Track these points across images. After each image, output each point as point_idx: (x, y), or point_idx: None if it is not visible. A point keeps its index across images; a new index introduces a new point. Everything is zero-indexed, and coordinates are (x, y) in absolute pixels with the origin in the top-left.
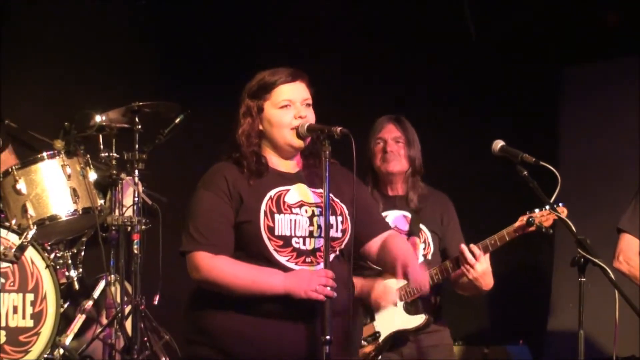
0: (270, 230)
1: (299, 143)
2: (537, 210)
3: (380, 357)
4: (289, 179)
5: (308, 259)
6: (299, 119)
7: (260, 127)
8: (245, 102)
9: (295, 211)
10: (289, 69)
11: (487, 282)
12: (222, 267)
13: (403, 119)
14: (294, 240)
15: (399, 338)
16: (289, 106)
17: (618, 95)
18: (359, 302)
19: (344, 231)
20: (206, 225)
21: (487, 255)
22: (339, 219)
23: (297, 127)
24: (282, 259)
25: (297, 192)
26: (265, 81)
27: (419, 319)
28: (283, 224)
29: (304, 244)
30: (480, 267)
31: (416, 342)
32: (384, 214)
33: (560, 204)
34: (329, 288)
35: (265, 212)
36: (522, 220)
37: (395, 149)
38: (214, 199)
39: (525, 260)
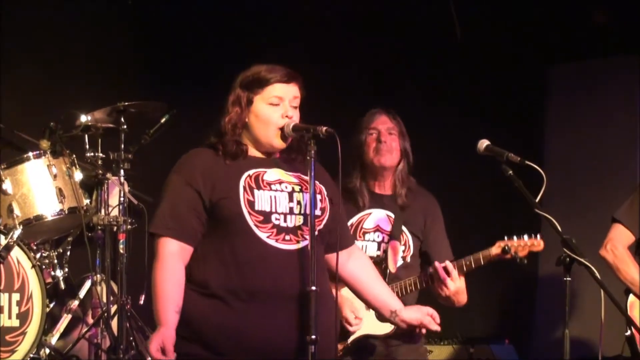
0: (251, 204)
1: (280, 144)
2: (515, 238)
3: (348, 358)
4: (265, 163)
5: (287, 237)
6: (286, 119)
7: (247, 120)
8: (237, 90)
9: (275, 188)
10: (286, 69)
11: (460, 300)
12: (163, 266)
13: (394, 113)
14: (274, 216)
15: (367, 343)
16: (278, 104)
17: (604, 94)
18: None
19: (323, 209)
20: (171, 209)
21: (462, 275)
22: (318, 197)
23: (282, 127)
24: (263, 235)
25: (275, 173)
26: (261, 76)
27: (387, 327)
28: (263, 200)
29: (285, 220)
30: (453, 286)
31: (382, 346)
32: (368, 211)
33: (538, 236)
34: None
35: (244, 187)
36: (498, 246)
37: (389, 140)
38: (181, 183)
39: (511, 259)
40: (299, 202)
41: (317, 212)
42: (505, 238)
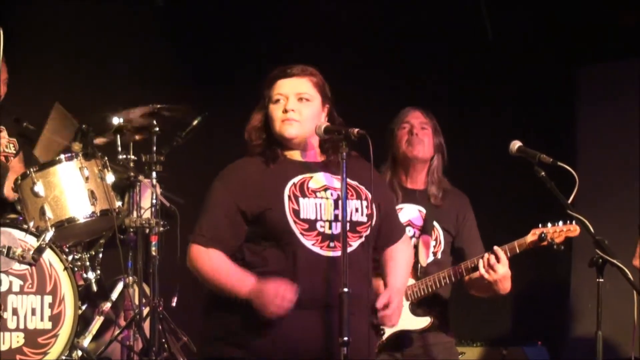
0: (296, 213)
1: (289, 134)
2: (549, 225)
3: (381, 355)
4: (310, 167)
5: (332, 244)
6: (285, 113)
7: (266, 121)
8: (262, 96)
9: (320, 195)
10: (292, 65)
11: (505, 286)
12: (205, 260)
13: (429, 109)
14: (319, 224)
15: (402, 338)
16: (280, 100)
17: (635, 95)
18: None
19: (369, 216)
20: (209, 219)
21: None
22: (364, 203)
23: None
24: (308, 243)
25: (321, 178)
26: (270, 77)
27: (424, 321)
28: (308, 208)
29: (329, 228)
30: (501, 270)
31: (417, 340)
32: (400, 206)
33: (573, 222)
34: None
35: (289, 196)
36: (534, 234)
37: (421, 134)
38: (223, 193)
39: (544, 261)
40: (344, 210)
41: (363, 218)
42: (540, 225)
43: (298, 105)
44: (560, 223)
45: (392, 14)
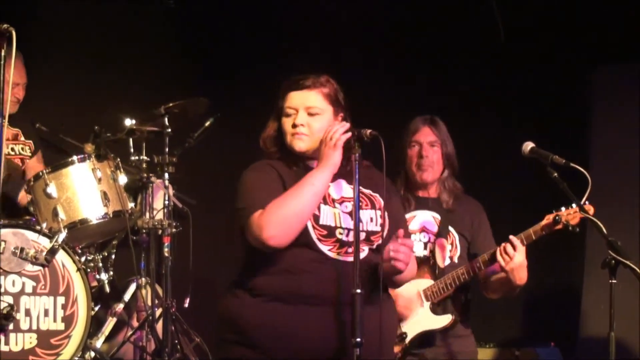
0: (315, 218)
1: (299, 147)
2: (563, 209)
3: (407, 358)
4: None
5: (350, 249)
6: (294, 127)
7: (279, 132)
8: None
9: (337, 205)
10: (305, 76)
11: (522, 275)
12: (273, 210)
13: (437, 120)
14: (338, 231)
15: (425, 338)
16: (291, 114)
17: None
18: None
19: (382, 225)
20: (256, 194)
21: (524, 248)
22: (378, 212)
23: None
24: (325, 248)
25: (338, 188)
26: (282, 87)
27: (445, 319)
28: (327, 215)
29: (347, 235)
30: (518, 258)
31: (441, 347)
32: (413, 213)
33: (587, 202)
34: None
35: None
36: (548, 218)
37: (430, 154)
38: (261, 175)
39: (556, 262)
40: (360, 220)
41: (377, 227)
42: (553, 211)
43: (307, 119)
44: (574, 205)
45: (402, 14)
